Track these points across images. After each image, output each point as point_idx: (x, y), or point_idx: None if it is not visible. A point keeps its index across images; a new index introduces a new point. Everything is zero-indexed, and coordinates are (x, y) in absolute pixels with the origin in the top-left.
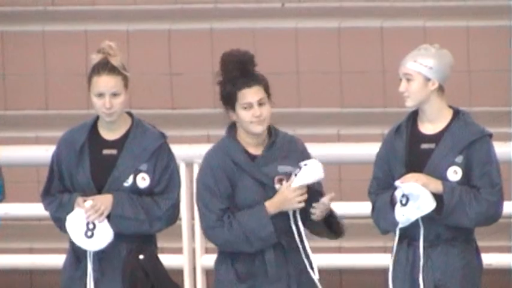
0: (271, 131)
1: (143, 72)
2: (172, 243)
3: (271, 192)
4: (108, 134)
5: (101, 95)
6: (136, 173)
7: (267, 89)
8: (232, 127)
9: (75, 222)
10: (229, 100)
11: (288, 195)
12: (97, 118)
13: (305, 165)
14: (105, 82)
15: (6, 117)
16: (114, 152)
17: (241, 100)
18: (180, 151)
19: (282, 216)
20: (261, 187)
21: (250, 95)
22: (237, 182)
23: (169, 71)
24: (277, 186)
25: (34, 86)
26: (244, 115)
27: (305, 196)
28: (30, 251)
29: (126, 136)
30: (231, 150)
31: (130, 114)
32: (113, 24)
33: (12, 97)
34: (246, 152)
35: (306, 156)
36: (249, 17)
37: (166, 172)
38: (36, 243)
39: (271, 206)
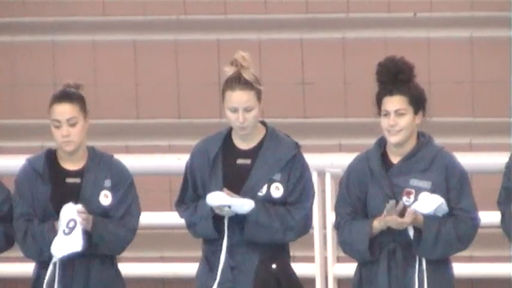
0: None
1: (275, 82)
2: (304, 251)
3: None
4: (243, 143)
5: (234, 109)
6: (270, 182)
7: (413, 101)
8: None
9: (216, 199)
10: (377, 104)
11: (397, 223)
12: (231, 128)
13: (424, 196)
14: (238, 97)
15: (139, 126)
16: (248, 161)
17: (382, 106)
18: (312, 160)
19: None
20: (387, 197)
21: (390, 103)
22: (369, 188)
23: (302, 80)
24: (404, 198)
25: (166, 95)
26: (383, 121)
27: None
28: (162, 259)
29: (260, 146)
30: (370, 156)
31: (264, 123)
32: (244, 33)
33: (145, 106)
34: (387, 159)
35: (451, 172)
36: (381, 26)
37: (300, 182)
38: (168, 252)
39: (379, 223)
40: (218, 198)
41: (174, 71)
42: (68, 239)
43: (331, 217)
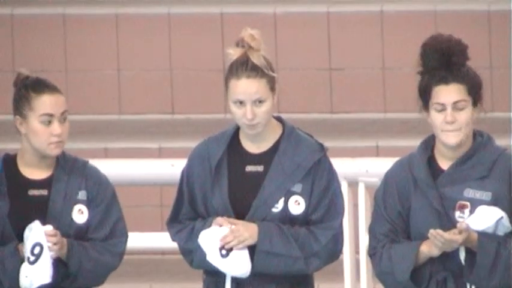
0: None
1: (294, 67)
2: (332, 283)
3: (446, 219)
4: (253, 146)
5: (240, 103)
6: (288, 195)
7: (472, 90)
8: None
9: (209, 240)
10: (423, 95)
11: (444, 240)
12: (238, 126)
13: (481, 210)
14: (245, 87)
15: (121, 123)
16: (259, 168)
17: (434, 99)
18: (341, 167)
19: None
20: (435, 212)
21: (446, 94)
22: (412, 201)
23: (328, 66)
24: (456, 214)
25: (156, 84)
26: (435, 117)
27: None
28: None
29: (275, 148)
30: (414, 161)
31: (280, 120)
32: (255, 6)
33: (129, 98)
34: (435, 165)
35: None
36: None
37: (326, 195)
38: (158, 283)
39: (428, 249)
40: (212, 240)
41: (167, 54)
42: (33, 270)
43: (365, 239)
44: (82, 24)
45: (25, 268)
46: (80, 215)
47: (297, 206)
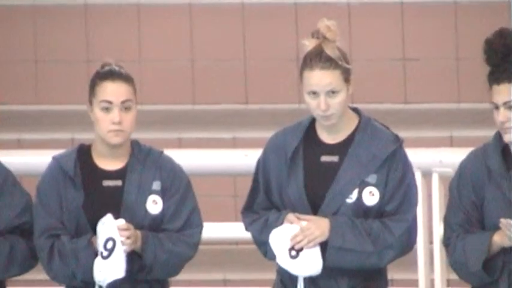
0: None
1: (369, 58)
2: (405, 274)
3: None
4: (328, 137)
5: (315, 94)
6: (362, 186)
7: None
8: None
9: (279, 240)
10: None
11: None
12: (314, 117)
13: None
14: (319, 78)
15: (195, 113)
16: (335, 159)
17: (493, 97)
18: (415, 157)
19: None
20: (509, 202)
21: (497, 93)
22: (485, 193)
23: (402, 56)
24: None
25: (229, 73)
26: (495, 115)
27: None
28: (225, 283)
29: (350, 139)
30: (488, 151)
31: (357, 111)
32: None
33: (203, 88)
34: (510, 156)
35: None
36: None
37: (401, 186)
38: (232, 274)
39: (501, 239)
40: (282, 240)
41: (241, 43)
42: (107, 264)
43: (439, 230)
44: (157, 13)
45: (98, 263)
46: (154, 205)
47: (371, 197)
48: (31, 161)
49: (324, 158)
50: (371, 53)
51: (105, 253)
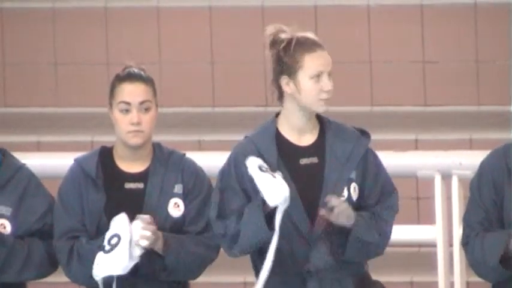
0: None
1: (386, 60)
2: (425, 276)
3: None
4: (299, 138)
5: (318, 76)
6: (349, 183)
7: None
8: None
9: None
10: None
11: None
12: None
13: None
14: (324, 58)
15: (215, 116)
16: (314, 160)
17: None
18: (434, 159)
19: None
20: None
21: None
22: (505, 192)
23: (422, 58)
24: None
25: (250, 76)
26: None
27: None
28: (245, 285)
29: (321, 138)
30: (509, 151)
31: (318, 116)
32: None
33: (223, 90)
34: None
35: None
36: None
37: (379, 177)
38: (252, 277)
39: None
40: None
41: (260, 45)
42: (105, 259)
43: (458, 232)
44: (177, 16)
45: (98, 256)
46: (175, 208)
47: (354, 192)
48: (50, 163)
49: (304, 161)
50: (390, 55)
51: (107, 247)
